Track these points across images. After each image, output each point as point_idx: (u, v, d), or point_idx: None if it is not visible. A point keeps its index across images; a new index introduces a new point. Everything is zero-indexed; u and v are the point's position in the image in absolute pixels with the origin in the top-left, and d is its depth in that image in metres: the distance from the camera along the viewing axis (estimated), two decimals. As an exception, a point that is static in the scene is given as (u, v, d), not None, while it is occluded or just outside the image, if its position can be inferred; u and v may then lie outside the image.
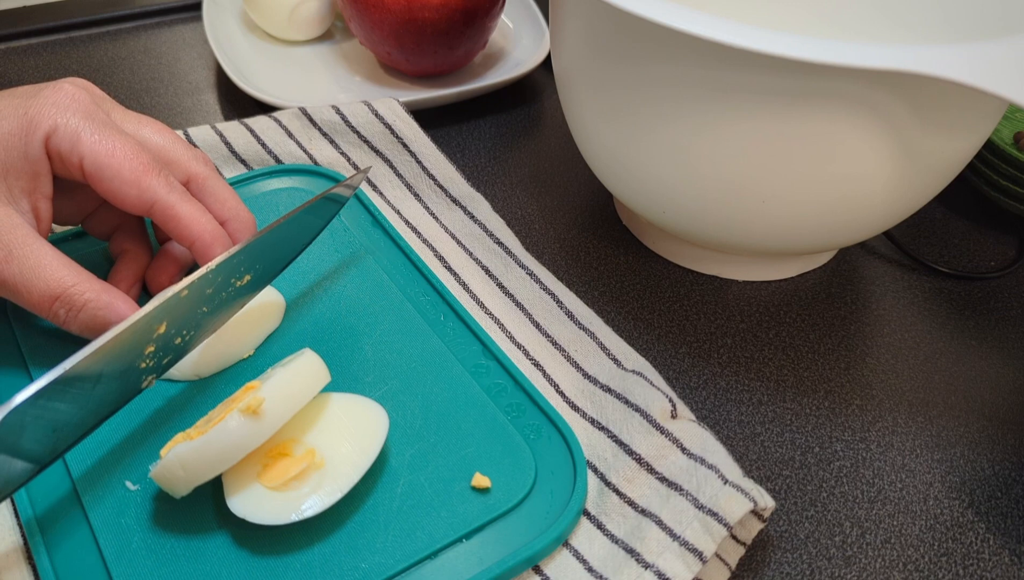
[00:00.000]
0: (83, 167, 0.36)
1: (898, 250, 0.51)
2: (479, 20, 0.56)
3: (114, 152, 0.36)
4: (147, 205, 0.37)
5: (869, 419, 0.42)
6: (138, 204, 0.37)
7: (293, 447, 0.34)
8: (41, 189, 0.37)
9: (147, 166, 0.37)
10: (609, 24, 0.39)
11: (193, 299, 0.35)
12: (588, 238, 0.51)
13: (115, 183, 0.37)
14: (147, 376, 0.35)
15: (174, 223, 0.38)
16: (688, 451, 0.36)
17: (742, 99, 0.37)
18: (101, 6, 0.67)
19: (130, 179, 0.37)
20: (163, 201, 0.37)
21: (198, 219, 0.38)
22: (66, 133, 0.36)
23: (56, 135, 0.36)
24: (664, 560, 0.33)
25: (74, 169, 0.37)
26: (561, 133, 0.58)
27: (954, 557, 0.37)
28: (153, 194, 0.37)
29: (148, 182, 0.37)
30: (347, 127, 0.51)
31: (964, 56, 0.33)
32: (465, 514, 0.34)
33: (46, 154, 0.36)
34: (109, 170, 0.36)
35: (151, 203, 0.37)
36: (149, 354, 0.34)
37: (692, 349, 0.45)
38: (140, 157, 0.37)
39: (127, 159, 0.37)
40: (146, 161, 0.37)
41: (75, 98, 0.37)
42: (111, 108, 0.39)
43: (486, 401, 0.38)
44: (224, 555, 0.33)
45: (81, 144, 0.36)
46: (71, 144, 0.36)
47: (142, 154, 0.37)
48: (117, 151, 0.36)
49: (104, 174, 0.36)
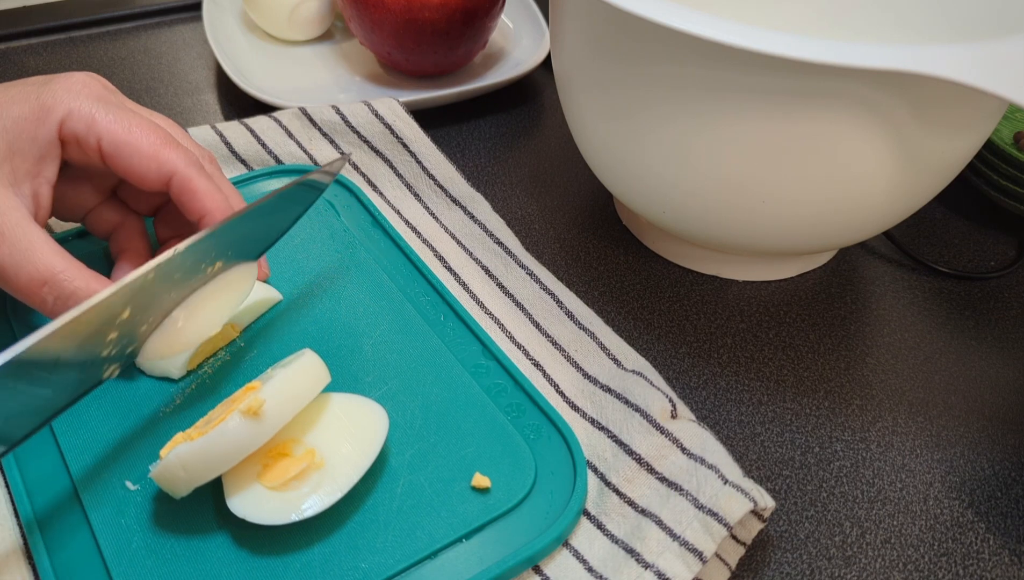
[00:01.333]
0: (101, 147, 0.37)
1: (898, 250, 0.51)
2: (479, 20, 0.56)
3: (131, 129, 0.37)
4: (166, 178, 0.37)
5: (869, 419, 0.42)
6: (158, 178, 0.37)
7: (293, 447, 0.34)
8: (45, 174, 0.37)
9: (164, 140, 0.37)
10: (609, 24, 0.39)
11: (159, 283, 0.34)
12: (588, 238, 0.51)
13: (135, 159, 0.37)
14: (109, 365, 0.34)
15: (189, 196, 0.38)
16: (688, 451, 0.36)
17: (742, 99, 0.37)
18: (101, 6, 0.67)
19: (149, 153, 0.37)
20: (182, 173, 0.37)
21: (213, 194, 0.38)
22: (81, 116, 0.36)
23: (71, 119, 0.36)
24: (664, 560, 0.33)
25: (91, 150, 0.37)
26: (561, 133, 0.58)
27: (954, 557, 0.37)
28: (173, 166, 0.37)
29: (167, 155, 0.37)
30: (347, 127, 0.51)
31: (964, 56, 0.33)
32: (465, 514, 0.34)
33: (59, 139, 0.37)
34: (128, 147, 0.37)
35: (170, 175, 0.37)
36: (111, 341, 0.33)
37: (692, 349, 0.45)
38: (157, 132, 0.37)
39: (144, 134, 0.37)
40: (163, 135, 0.37)
41: (87, 84, 0.37)
42: (122, 98, 0.40)
43: (486, 401, 0.38)
44: (224, 555, 0.33)
45: (97, 124, 0.36)
46: (87, 126, 0.36)
47: (158, 129, 0.38)
48: (134, 128, 0.37)
49: (123, 151, 0.37)
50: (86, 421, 0.37)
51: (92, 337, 0.32)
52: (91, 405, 0.38)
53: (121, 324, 0.34)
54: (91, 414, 0.37)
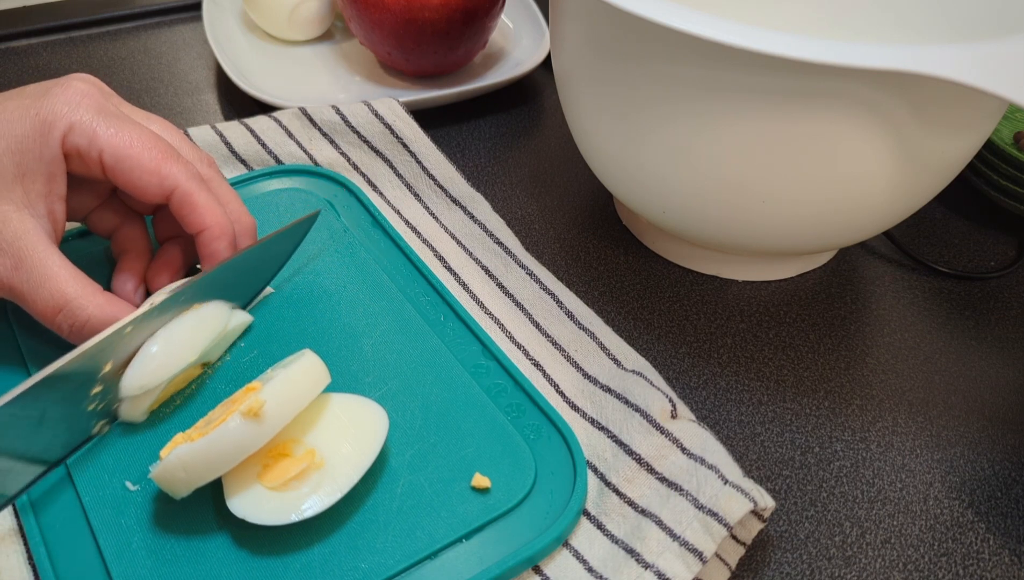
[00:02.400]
0: (103, 161, 0.37)
1: (898, 250, 0.51)
2: (479, 20, 0.56)
3: (132, 143, 0.37)
4: (167, 192, 0.38)
5: (869, 419, 0.42)
6: (159, 192, 0.37)
7: (293, 447, 0.34)
8: (56, 191, 0.37)
9: (166, 154, 0.37)
10: (609, 24, 0.39)
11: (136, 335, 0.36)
12: (588, 238, 0.51)
13: (136, 173, 0.37)
14: (97, 421, 0.35)
15: (189, 209, 0.38)
16: (688, 451, 0.36)
17: (742, 99, 0.37)
18: (101, 6, 0.67)
19: (151, 168, 0.37)
20: (183, 188, 0.38)
21: (213, 209, 0.38)
22: (83, 130, 0.36)
23: (73, 133, 0.36)
24: (664, 560, 0.33)
25: (93, 164, 0.37)
26: (561, 133, 0.58)
27: (954, 557, 0.37)
28: (174, 181, 0.37)
29: (168, 169, 0.37)
30: (347, 127, 0.51)
31: (964, 56, 0.33)
32: (465, 514, 0.34)
33: (62, 153, 0.36)
34: (129, 161, 0.37)
35: (172, 189, 0.38)
36: (96, 395, 0.34)
37: (692, 349, 0.45)
38: (158, 146, 0.37)
39: (146, 149, 0.37)
40: (164, 149, 0.38)
41: (86, 95, 0.37)
42: (119, 103, 0.40)
43: (486, 401, 0.38)
44: (224, 555, 0.33)
45: (99, 138, 0.36)
46: (89, 140, 0.36)
47: (160, 142, 0.38)
48: (135, 141, 0.37)
49: (124, 165, 0.37)
50: (86, 421, 0.37)
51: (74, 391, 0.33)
52: (91, 405, 0.38)
53: (104, 378, 0.35)
54: (91, 414, 0.37)
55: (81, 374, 0.33)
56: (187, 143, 0.40)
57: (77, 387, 0.34)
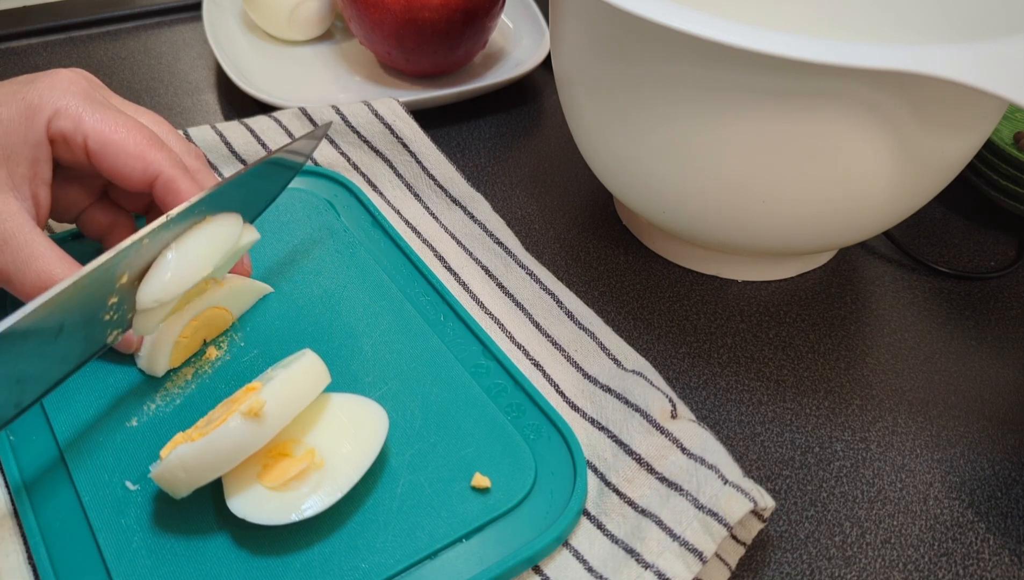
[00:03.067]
0: (87, 146, 0.37)
1: (898, 250, 0.51)
2: (479, 20, 0.56)
3: (117, 128, 0.37)
4: (151, 178, 0.38)
5: (869, 419, 0.42)
6: (143, 178, 0.37)
7: (293, 447, 0.34)
8: (41, 175, 0.37)
9: (150, 140, 0.37)
10: (609, 24, 0.39)
11: (152, 247, 0.35)
12: (588, 238, 0.51)
13: (120, 158, 0.37)
14: (112, 330, 0.35)
15: (173, 195, 0.38)
16: (688, 451, 0.36)
17: (742, 99, 0.37)
18: (101, 6, 0.67)
19: (135, 153, 0.37)
20: (167, 174, 0.38)
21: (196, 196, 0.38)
22: (68, 115, 0.36)
23: (58, 117, 0.36)
24: (664, 560, 0.33)
25: (78, 149, 0.37)
26: (561, 133, 0.58)
27: (954, 557, 0.37)
28: (158, 167, 0.37)
29: (152, 155, 0.37)
30: (347, 127, 0.51)
31: (964, 56, 0.33)
32: (465, 514, 0.34)
33: (48, 138, 0.37)
34: (114, 146, 0.37)
35: (156, 175, 0.37)
36: (112, 305, 0.34)
37: (692, 349, 0.45)
38: (143, 132, 0.38)
39: (130, 134, 0.37)
40: (149, 135, 0.38)
41: (73, 82, 0.37)
42: (108, 94, 0.40)
43: (486, 401, 0.38)
44: (224, 555, 0.33)
45: (84, 123, 0.37)
46: (74, 125, 0.36)
47: (144, 129, 0.38)
48: (120, 127, 0.37)
49: (109, 150, 0.37)
50: (86, 421, 0.37)
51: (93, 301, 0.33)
52: (91, 405, 0.38)
53: (120, 289, 0.35)
54: (91, 414, 0.37)
55: (99, 284, 0.34)
56: (176, 136, 0.40)
57: (95, 298, 0.34)
